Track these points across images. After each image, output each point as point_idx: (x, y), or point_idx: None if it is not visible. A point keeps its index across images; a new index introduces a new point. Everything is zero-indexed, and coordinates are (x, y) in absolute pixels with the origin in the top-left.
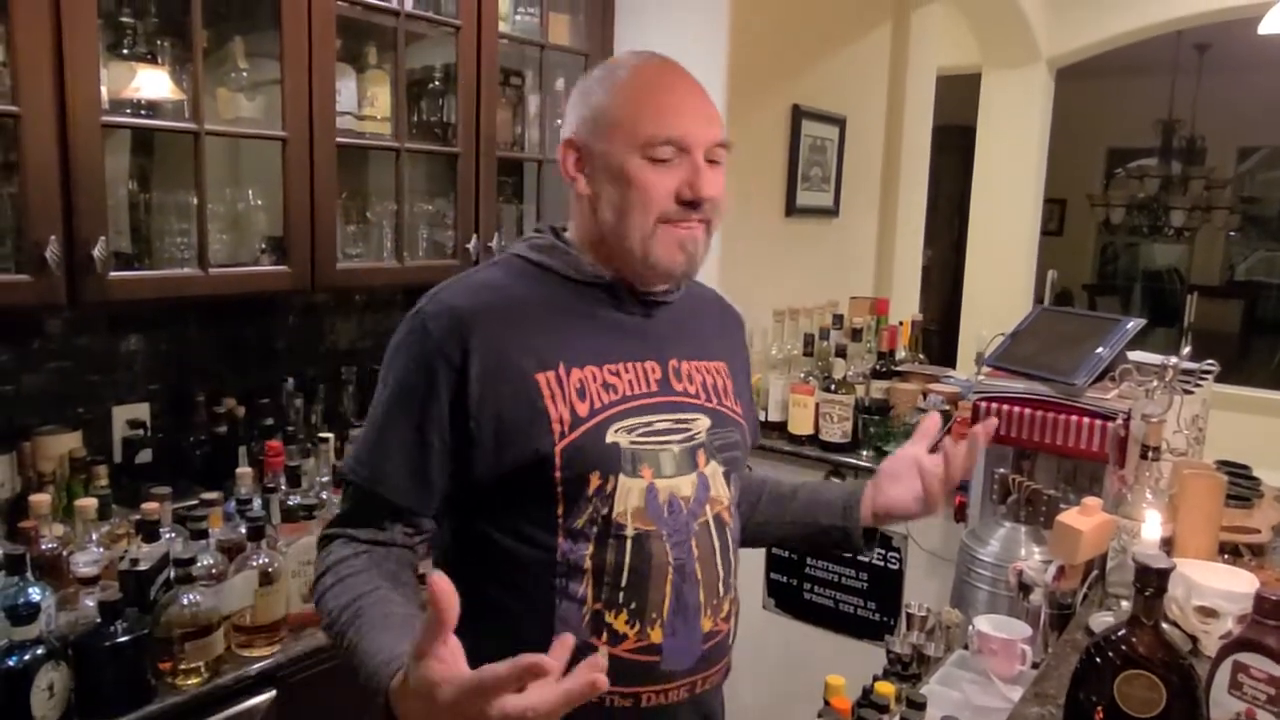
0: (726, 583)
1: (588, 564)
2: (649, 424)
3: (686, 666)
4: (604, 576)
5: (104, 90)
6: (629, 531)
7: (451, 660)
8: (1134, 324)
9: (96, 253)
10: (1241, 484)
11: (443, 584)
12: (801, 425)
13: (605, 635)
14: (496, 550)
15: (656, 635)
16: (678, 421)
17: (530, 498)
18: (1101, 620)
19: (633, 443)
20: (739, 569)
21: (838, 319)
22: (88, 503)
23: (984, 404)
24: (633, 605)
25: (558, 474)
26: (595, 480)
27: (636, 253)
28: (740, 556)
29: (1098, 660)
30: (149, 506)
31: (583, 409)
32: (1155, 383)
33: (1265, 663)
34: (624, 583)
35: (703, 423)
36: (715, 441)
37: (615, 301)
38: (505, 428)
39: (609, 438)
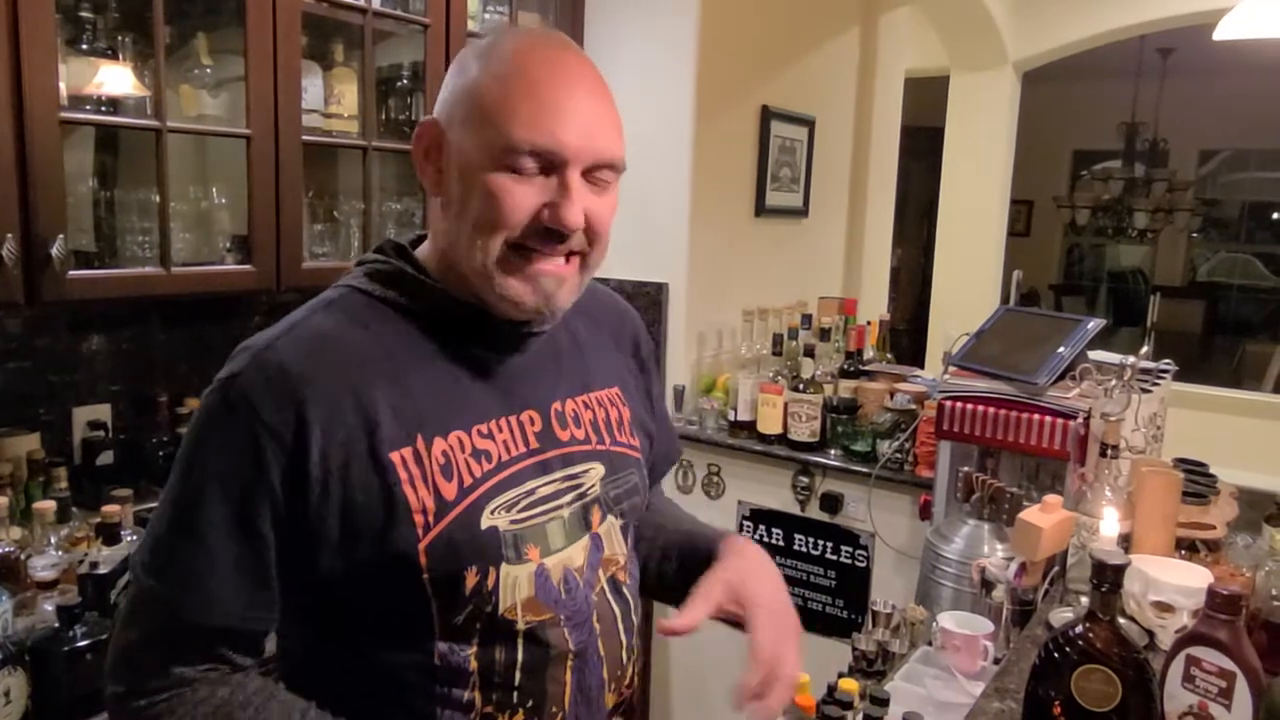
0: (630, 647)
1: (473, 665)
2: (530, 491)
3: None
4: (494, 677)
5: (63, 86)
6: (520, 626)
7: None
8: (1094, 324)
9: (55, 251)
10: (1198, 481)
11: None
12: (770, 425)
13: None
14: (361, 660)
15: None
16: (566, 480)
17: (395, 601)
18: (1061, 616)
19: (514, 522)
20: (639, 625)
21: (806, 319)
22: (46, 505)
23: (949, 402)
24: (529, 704)
25: (425, 575)
26: (472, 577)
27: (481, 279)
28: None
29: (1055, 655)
30: (109, 509)
31: (450, 491)
32: (1114, 382)
33: (1217, 656)
34: (518, 682)
35: (595, 473)
36: (611, 492)
37: (480, 338)
38: (355, 523)
39: (485, 522)
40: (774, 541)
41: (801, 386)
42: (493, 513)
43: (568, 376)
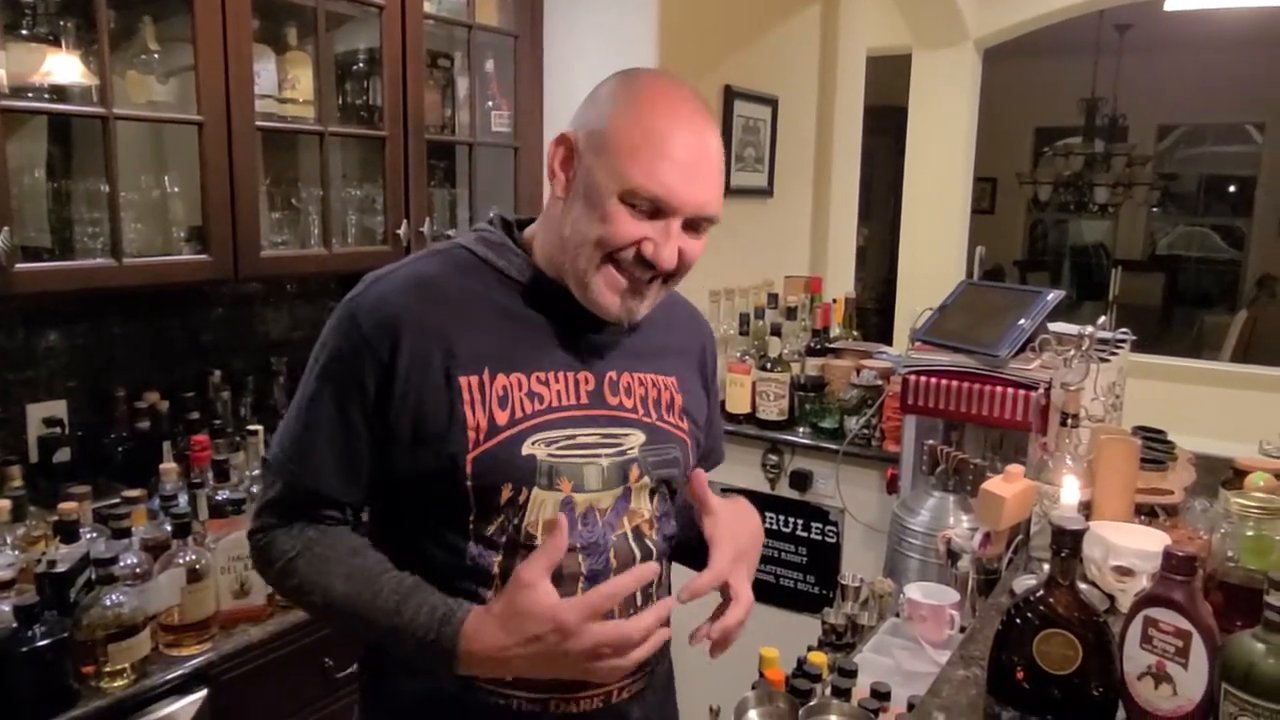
0: (646, 592)
1: (495, 570)
2: (571, 437)
3: None
4: None
5: (3, 74)
6: (539, 542)
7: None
8: (1054, 295)
9: None
10: (1156, 448)
11: (562, 519)
12: (739, 404)
13: None
14: (409, 548)
15: None
16: (606, 436)
17: (443, 501)
18: (1024, 583)
19: (551, 455)
20: (670, 577)
21: (772, 298)
22: (0, 505)
23: (913, 376)
24: None
25: (469, 482)
26: (507, 491)
27: (577, 279)
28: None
29: (1017, 621)
30: (66, 506)
31: (502, 417)
32: (1073, 352)
33: (1173, 616)
34: None
35: (635, 438)
36: (649, 457)
37: (559, 310)
38: (423, 429)
39: (525, 449)
40: None
41: (769, 365)
42: (534, 444)
43: (632, 353)
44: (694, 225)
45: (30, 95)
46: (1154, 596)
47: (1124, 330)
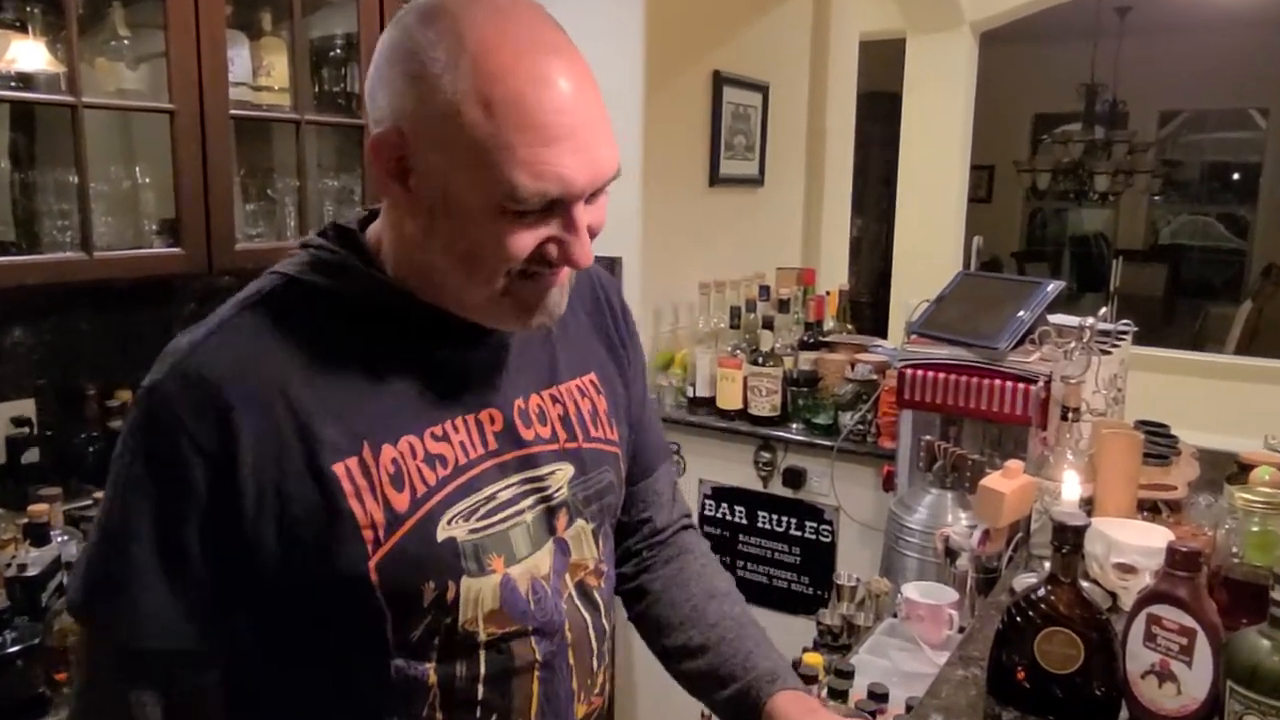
0: (600, 655)
1: (432, 679)
2: (491, 497)
3: None
4: (454, 692)
5: None
6: (482, 638)
7: None
8: (1054, 286)
9: None
10: (1159, 442)
11: None
12: (730, 400)
13: None
14: (311, 677)
15: None
16: (527, 483)
17: (345, 618)
18: (1025, 581)
19: (473, 531)
20: (612, 629)
21: (764, 290)
22: None
23: (909, 370)
24: (493, 717)
25: (377, 593)
26: (430, 591)
27: (475, 312)
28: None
29: (1018, 620)
30: (36, 509)
31: (401, 502)
32: (1073, 345)
33: (1177, 613)
34: (480, 695)
35: (562, 474)
36: (580, 494)
37: (434, 334)
38: (296, 539)
39: (441, 534)
40: (737, 519)
41: (761, 360)
42: (450, 523)
43: (531, 370)
44: (595, 195)
45: None
46: (1157, 593)
47: (1125, 322)
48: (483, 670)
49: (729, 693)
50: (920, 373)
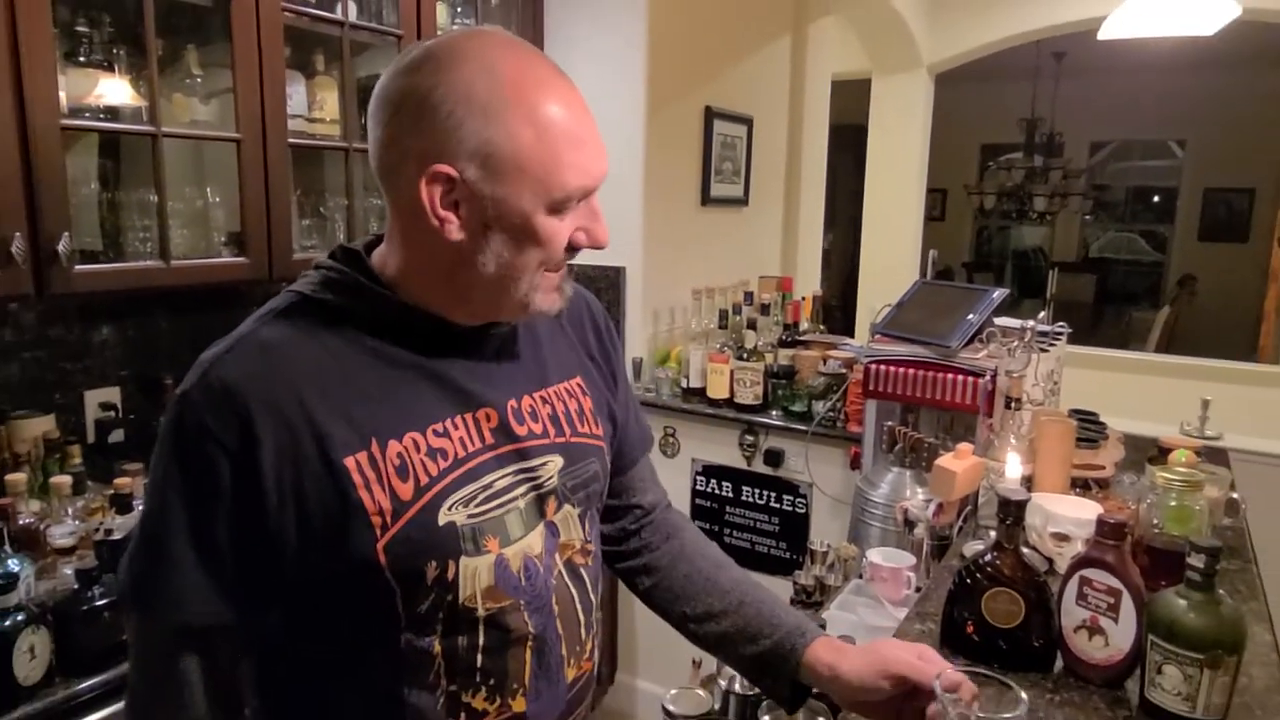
0: (588, 625)
1: (437, 648)
2: (488, 485)
3: (553, 719)
4: (457, 660)
5: (64, 96)
6: (480, 613)
7: None
8: (999, 293)
9: (61, 248)
10: (1090, 428)
11: None
12: (718, 390)
13: (464, 715)
14: (329, 652)
15: (519, 704)
16: (521, 473)
17: (359, 597)
18: (973, 548)
19: (471, 516)
20: (600, 601)
21: (748, 296)
22: (62, 480)
23: (874, 365)
24: (491, 681)
25: (386, 574)
26: (432, 570)
27: (518, 304)
28: (602, 583)
29: (967, 581)
30: (121, 481)
31: (406, 491)
32: (1016, 343)
33: (1105, 576)
34: (480, 663)
35: (553, 465)
36: (569, 482)
37: (436, 343)
38: (313, 529)
39: (442, 519)
40: (724, 493)
41: (745, 355)
42: (450, 508)
43: (524, 375)
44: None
45: (86, 115)
46: (1088, 559)
47: (1061, 324)
48: (482, 641)
49: (759, 649)
50: (883, 367)
